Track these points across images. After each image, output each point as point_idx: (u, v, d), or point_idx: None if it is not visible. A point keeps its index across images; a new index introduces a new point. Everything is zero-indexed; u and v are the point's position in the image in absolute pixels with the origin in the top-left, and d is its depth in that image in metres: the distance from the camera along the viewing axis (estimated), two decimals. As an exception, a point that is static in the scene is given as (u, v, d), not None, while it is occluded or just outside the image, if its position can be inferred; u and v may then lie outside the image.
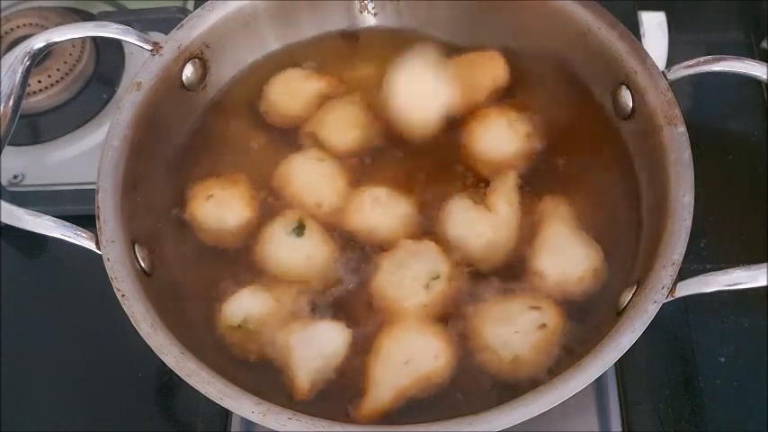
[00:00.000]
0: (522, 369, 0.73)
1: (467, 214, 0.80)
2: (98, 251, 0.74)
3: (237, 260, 0.81)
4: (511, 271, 0.79)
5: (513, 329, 0.73)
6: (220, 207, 0.82)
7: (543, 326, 0.73)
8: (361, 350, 0.75)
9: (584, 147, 0.86)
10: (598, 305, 0.76)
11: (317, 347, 0.73)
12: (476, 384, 0.74)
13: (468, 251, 0.79)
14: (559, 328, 0.74)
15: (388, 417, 0.72)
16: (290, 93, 0.90)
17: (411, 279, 0.76)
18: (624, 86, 0.83)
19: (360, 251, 0.81)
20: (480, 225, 0.79)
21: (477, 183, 0.84)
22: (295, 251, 0.79)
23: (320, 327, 0.75)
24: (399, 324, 0.75)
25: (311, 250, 0.79)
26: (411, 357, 0.73)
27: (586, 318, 0.76)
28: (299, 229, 0.80)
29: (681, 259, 0.70)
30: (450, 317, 0.77)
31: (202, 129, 0.90)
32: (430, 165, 0.86)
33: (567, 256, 0.77)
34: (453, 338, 0.75)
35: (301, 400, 0.71)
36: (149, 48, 0.85)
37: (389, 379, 0.72)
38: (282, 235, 0.80)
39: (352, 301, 0.78)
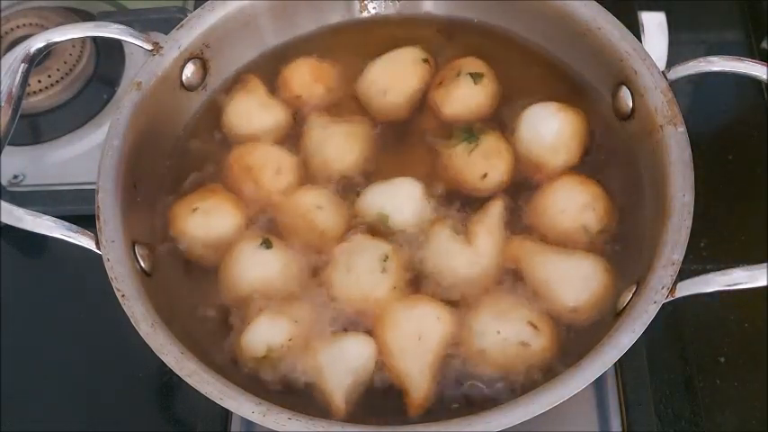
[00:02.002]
0: (484, 365, 0.73)
1: (446, 247, 0.79)
2: (98, 251, 0.74)
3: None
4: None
5: (497, 328, 0.73)
6: (208, 217, 0.81)
7: (527, 345, 0.73)
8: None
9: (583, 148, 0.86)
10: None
11: (346, 363, 0.73)
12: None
13: (444, 284, 0.78)
14: (543, 355, 0.73)
15: (439, 400, 0.73)
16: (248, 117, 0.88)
17: (366, 273, 0.76)
18: (624, 86, 0.83)
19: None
20: (457, 259, 0.78)
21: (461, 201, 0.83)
22: (270, 261, 0.78)
23: (346, 341, 0.74)
24: (388, 314, 0.75)
25: (285, 257, 0.79)
26: (419, 332, 0.74)
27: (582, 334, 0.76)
28: (267, 243, 0.79)
29: (681, 259, 0.70)
30: (423, 279, 0.78)
31: (202, 128, 0.90)
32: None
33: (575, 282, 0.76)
34: (439, 296, 0.77)
35: (340, 419, 0.71)
36: (149, 48, 0.85)
37: (417, 363, 0.73)
38: (253, 249, 0.79)
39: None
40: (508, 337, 0.73)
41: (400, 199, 0.81)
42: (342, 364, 0.73)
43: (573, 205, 0.79)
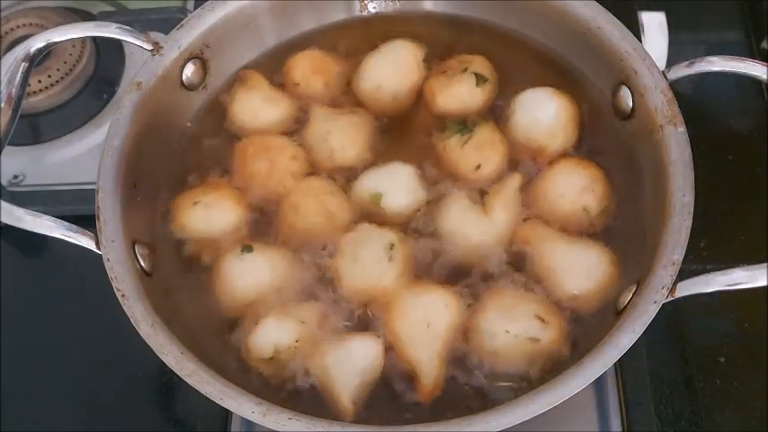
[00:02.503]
0: (497, 365, 0.74)
1: (462, 215, 0.80)
2: (98, 251, 0.74)
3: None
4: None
5: (506, 327, 0.73)
6: (209, 210, 0.81)
7: (536, 340, 0.73)
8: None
9: (583, 146, 0.86)
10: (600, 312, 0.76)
11: (353, 364, 0.73)
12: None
13: (457, 250, 0.79)
14: (553, 347, 0.74)
15: (449, 389, 0.73)
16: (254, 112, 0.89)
17: (372, 262, 0.77)
18: (624, 86, 0.83)
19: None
20: (471, 228, 0.79)
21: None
22: (255, 265, 0.78)
23: (353, 342, 0.74)
24: (396, 302, 0.75)
25: (272, 257, 0.79)
26: (427, 320, 0.74)
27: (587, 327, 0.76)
28: (248, 248, 0.79)
29: (681, 259, 0.70)
30: (429, 266, 0.79)
31: (203, 128, 0.90)
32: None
33: (583, 270, 0.77)
34: (444, 282, 0.77)
35: (348, 420, 0.71)
36: (149, 48, 0.85)
37: (427, 349, 0.73)
38: (236, 258, 0.79)
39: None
40: (518, 335, 0.73)
41: (393, 180, 0.82)
42: (349, 365, 0.73)
43: (572, 188, 0.80)
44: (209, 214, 0.81)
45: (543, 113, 0.84)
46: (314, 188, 0.82)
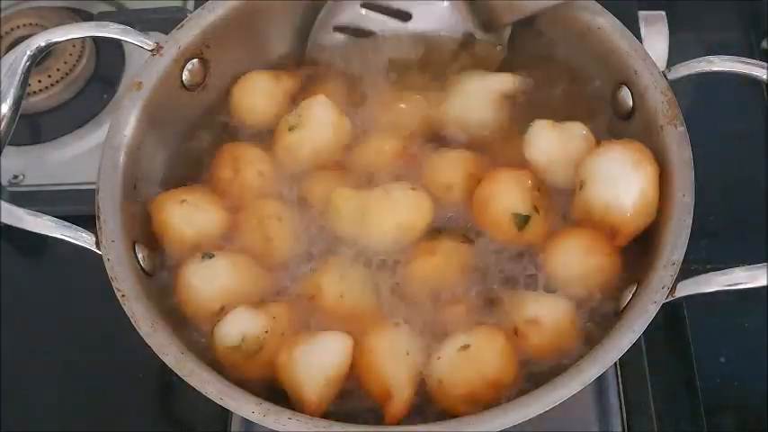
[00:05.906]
0: (450, 391, 0.70)
1: None
2: (98, 251, 0.74)
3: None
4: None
5: (436, 356, 0.72)
6: (197, 209, 0.80)
7: (466, 347, 0.71)
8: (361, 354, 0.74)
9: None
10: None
11: (321, 358, 0.72)
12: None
13: None
14: (491, 349, 0.71)
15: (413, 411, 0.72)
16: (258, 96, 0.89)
17: (360, 282, 0.76)
18: (624, 86, 0.82)
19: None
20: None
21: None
22: (216, 270, 0.77)
23: (323, 337, 0.73)
24: (378, 324, 0.74)
25: (233, 262, 0.78)
26: (407, 348, 0.72)
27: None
28: (209, 255, 0.77)
29: (681, 259, 0.70)
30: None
31: (203, 128, 0.90)
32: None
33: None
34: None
35: (310, 412, 0.70)
36: (149, 48, 0.85)
37: (403, 370, 0.72)
38: (198, 263, 0.77)
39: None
40: (449, 353, 0.71)
41: None
42: (316, 359, 0.71)
43: (579, 262, 0.75)
44: (196, 213, 0.80)
45: (628, 190, 0.74)
46: (263, 209, 0.81)
